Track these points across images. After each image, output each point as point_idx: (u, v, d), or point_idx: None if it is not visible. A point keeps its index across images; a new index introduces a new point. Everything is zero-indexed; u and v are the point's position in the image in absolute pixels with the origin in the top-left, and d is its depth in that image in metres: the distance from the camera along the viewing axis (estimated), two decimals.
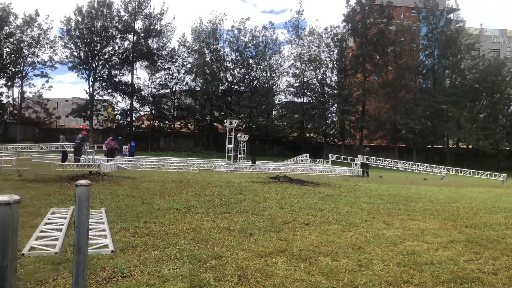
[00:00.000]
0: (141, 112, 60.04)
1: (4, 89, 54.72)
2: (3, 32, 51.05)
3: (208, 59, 56.55)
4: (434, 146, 60.08)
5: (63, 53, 53.89)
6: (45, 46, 53.39)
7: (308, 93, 58.50)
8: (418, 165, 33.80)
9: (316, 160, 39.63)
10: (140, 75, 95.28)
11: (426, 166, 32.94)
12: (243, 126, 56.47)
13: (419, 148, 56.12)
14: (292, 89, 59.51)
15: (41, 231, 5.79)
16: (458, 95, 53.38)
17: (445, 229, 7.17)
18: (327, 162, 36.83)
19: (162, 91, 59.21)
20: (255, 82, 59.02)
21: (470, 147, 56.20)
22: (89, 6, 52.61)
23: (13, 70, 52.98)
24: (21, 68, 53.03)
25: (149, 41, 56.33)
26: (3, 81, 53.97)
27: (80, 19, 52.37)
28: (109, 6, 53.37)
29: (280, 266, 4.62)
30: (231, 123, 29.04)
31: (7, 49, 52.67)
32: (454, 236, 6.56)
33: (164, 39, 56.67)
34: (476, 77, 54.45)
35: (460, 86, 54.57)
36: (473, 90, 54.37)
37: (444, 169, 31.31)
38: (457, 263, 4.94)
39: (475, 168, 36.94)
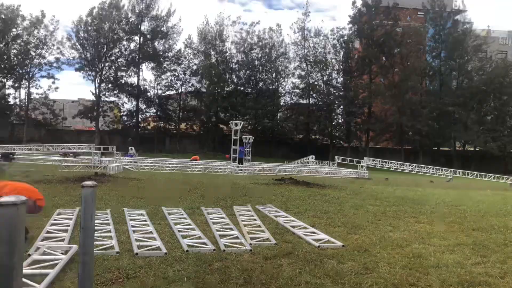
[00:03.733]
0: (147, 114, 60.25)
1: (11, 90, 55.22)
2: (11, 34, 51.39)
3: (214, 60, 56.62)
4: (441, 149, 59.65)
5: (70, 54, 54.19)
6: (52, 47, 53.68)
7: (314, 95, 58.37)
8: (424, 167, 33.63)
9: (321, 162, 39.55)
10: (146, 76, 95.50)
11: (433, 169, 32.77)
12: (249, 128, 56.42)
13: (425, 150, 55.78)
14: (297, 91, 59.37)
15: (47, 232, 5.83)
16: (465, 97, 52.98)
17: (452, 232, 7.13)
18: (333, 164, 36.73)
19: (168, 93, 59.30)
20: (261, 84, 58.97)
21: (477, 149, 55.75)
22: (99, 8, 52.89)
23: (20, 71, 53.27)
24: (28, 69, 53.32)
25: (155, 43, 56.49)
26: (10, 83, 54.41)
27: (89, 21, 52.65)
28: (118, 8, 53.59)
29: (285, 268, 4.61)
30: (236, 125, 29.04)
31: (15, 51, 52.99)
32: (461, 239, 6.52)
33: (170, 40, 56.82)
34: (483, 79, 54.01)
35: (467, 88, 54.15)
36: (480, 92, 53.93)
37: (451, 171, 31.14)
38: (464, 266, 4.91)
39: (482, 170, 36.64)
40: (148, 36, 55.86)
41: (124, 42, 55.73)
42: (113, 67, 55.48)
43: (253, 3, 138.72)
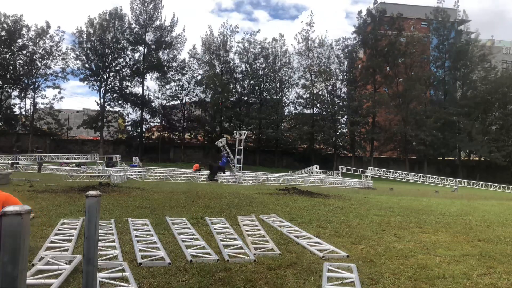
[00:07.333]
0: (151, 123, 60.47)
1: (17, 100, 55.75)
2: (17, 44, 51.89)
3: (218, 70, 56.89)
4: (446, 158, 59.47)
5: (74, 64, 54.52)
6: (57, 58, 54.05)
7: (318, 105, 58.43)
8: (429, 177, 33.50)
9: (326, 172, 39.46)
10: (151, 86, 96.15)
11: (438, 179, 32.64)
12: (253, 138, 56.49)
13: (430, 160, 55.58)
14: (301, 101, 59.49)
15: (51, 242, 5.82)
16: (470, 106, 52.91)
17: (457, 242, 7.07)
18: (337, 173, 36.66)
19: (172, 103, 59.58)
20: (265, 94, 59.15)
21: (482, 159, 55.52)
22: (101, 18, 53.34)
23: (26, 81, 53.70)
24: (34, 79, 53.71)
25: (160, 53, 56.86)
26: (16, 93, 54.88)
27: (91, 31, 53.08)
28: (120, 18, 54.05)
29: (289, 279, 4.58)
30: (240, 134, 29.06)
31: (20, 61, 53.47)
32: (466, 249, 6.46)
33: (174, 51, 57.19)
34: (488, 89, 53.97)
35: (471, 98, 54.11)
36: (485, 102, 53.88)
37: (456, 181, 30.99)
38: (470, 277, 4.86)
39: (488, 180, 36.47)
40: (153, 46, 56.25)
41: (129, 52, 56.20)
42: (118, 77, 55.78)
43: (258, 12, 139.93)
